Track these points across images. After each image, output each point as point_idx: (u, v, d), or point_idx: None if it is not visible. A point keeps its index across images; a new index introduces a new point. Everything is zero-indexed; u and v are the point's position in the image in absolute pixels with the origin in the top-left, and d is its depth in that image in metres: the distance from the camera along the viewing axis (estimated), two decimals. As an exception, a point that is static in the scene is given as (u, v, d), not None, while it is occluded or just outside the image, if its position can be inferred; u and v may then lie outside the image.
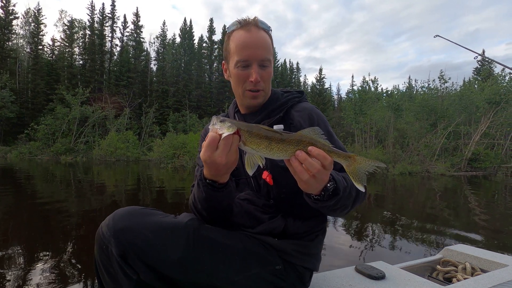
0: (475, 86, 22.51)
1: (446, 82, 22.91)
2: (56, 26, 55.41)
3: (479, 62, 39.19)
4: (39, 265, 2.40)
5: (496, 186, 9.84)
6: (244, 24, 0.94)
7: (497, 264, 1.40)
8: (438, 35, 4.16)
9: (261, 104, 1.01)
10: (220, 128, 0.71)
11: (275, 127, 0.93)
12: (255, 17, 0.96)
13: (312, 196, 0.78)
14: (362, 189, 0.72)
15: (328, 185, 0.75)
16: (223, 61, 1.06)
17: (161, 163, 17.29)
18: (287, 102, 1.03)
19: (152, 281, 0.78)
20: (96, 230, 0.81)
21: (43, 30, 35.33)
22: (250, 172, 0.73)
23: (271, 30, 1.00)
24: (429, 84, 24.31)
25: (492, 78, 20.11)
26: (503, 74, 19.75)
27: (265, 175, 0.95)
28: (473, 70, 41.01)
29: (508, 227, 4.01)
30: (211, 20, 44.53)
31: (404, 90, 27.54)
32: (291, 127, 0.99)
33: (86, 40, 37.06)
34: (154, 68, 42.30)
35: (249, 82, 0.95)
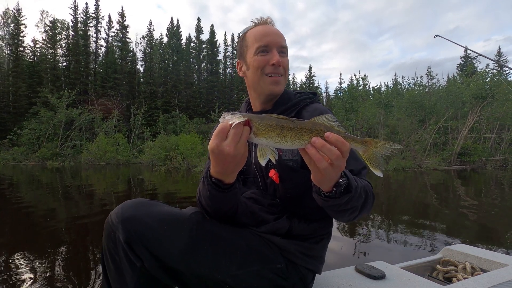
0: (460, 81, 23.18)
1: (433, 78, 23.56)
2: (38, 27, 53.39)
3: (462, 59, 40.39)
4: (27, 272, 2.30)
5: (485, 179, 10.14)
6: (259, 23, 1.03)
7: (497, 264, 1.41)
8: (438, 35, 4.20)
9: (280, 92, 1.03)
10: (230, 119, 0.69)
11: None
12: (268, 16, 1.04)
13: (322, 193, 0.76)
14: (380, 174, 0.71)
15: (341, 180, 0.73)
16: (237, 60, 1.11)
17: (154, 166, 17.01)
18: (299, 103, 1.05)
19: (155, 269, 0.80)
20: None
21: (23, 31, 34.11)
22: (263, 162, 0.70)
23: None
24: (416, 81, 24.92)
25: (477, 73, 20.76)
26: (487, 70, 20.45)
27: (272, 173, 0.95)
28: (457, 66, 42.23)
29: (502, 223, 4.10)
30: (199, 19, 44.06)
31: (392, 87, 28.10)
32: None
33: (70, 41, 35.94)
34: (141, 68, 41.52)
35: (270, 66, 0.98)
